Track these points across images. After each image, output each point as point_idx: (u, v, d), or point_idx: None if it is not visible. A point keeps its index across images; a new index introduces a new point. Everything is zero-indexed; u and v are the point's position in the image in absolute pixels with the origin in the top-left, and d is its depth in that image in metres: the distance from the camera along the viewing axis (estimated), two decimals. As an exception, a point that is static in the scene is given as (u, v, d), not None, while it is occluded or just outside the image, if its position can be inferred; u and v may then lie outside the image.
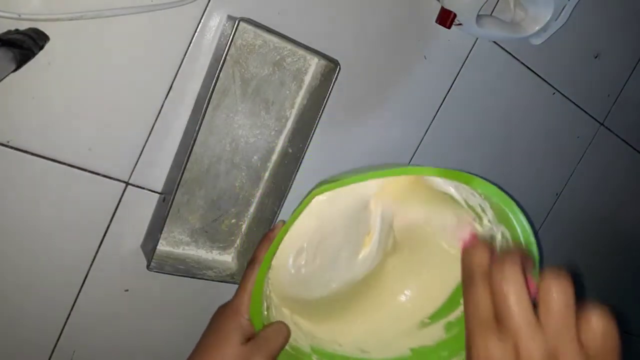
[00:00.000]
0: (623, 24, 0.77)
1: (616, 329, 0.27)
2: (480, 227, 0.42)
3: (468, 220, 0.40)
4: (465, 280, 0.32)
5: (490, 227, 0.41)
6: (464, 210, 0.41)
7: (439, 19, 0.57)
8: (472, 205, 0.41)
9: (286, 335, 0.41)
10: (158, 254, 0.50)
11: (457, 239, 0.41)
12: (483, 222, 0.41)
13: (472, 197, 0.41)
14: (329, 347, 0.44)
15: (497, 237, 0.40)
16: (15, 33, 0.39)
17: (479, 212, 0.41)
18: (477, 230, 0.41)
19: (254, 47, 0.50)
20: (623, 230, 0.98)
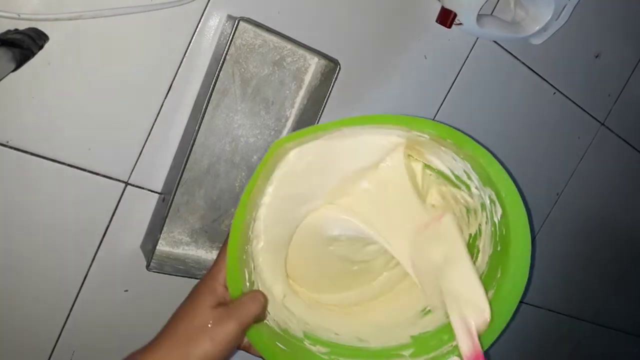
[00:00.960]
0: (623, 24, 0.77)
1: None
2: (470, 198, 0.41)
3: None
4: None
5: (479, 194, 0.40)
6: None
7: (440, 18, 0.57)
8: (459, 175, 0.40)
9: (262, 304, 0.38)
10: (158, 254, 0.50)
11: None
12: (472, 191, 0.40)
13: (455, 164, 0.40)
14: (324, 335, 0.43)
15: (487, 204, 0.39)
16: (14, 33, 0.39)
17: (465, 180, 0.40)
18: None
19: (253, 46, 0.50)
20: (623, 229, 0.98)
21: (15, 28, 0.40)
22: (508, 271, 0.39)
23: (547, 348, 0.98)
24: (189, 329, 0.36)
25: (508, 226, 0.38)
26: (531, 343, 0.94)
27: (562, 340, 1.00)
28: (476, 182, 0.39)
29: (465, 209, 0.42)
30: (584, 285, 0.97)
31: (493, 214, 0.39)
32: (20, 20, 0.40)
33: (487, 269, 0.41)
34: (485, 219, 0.41)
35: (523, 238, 0.38)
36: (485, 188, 0.39)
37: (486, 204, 0.40)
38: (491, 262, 0.41)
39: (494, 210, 0.39)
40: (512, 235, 0.38)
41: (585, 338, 1.03)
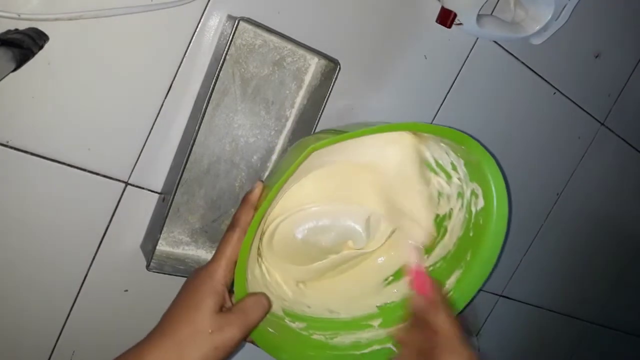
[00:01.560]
0: (623, 24, 0.77)
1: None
2: (447, 185, 0.44)
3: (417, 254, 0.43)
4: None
5: (459, 184, 0.43)
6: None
7: (439, 18, 0.57)
8: (442, 165, 0.43)
9: (266, 309, 0.38)
10: (158, 254, 0.50)
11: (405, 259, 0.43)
12: (452, 180, 0.43)
13: (445, 156, 0.43)
14: (299, 309, 0.44)
15: (465, 194, 0.43)
16: (14, 33, 0.39)
17: (449, 170, 0.43)
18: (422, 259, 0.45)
19: (253, 46, 0.50)
20: (624, 229, 0.98)
21: (16, 28, 0.40)
22: (479, 256, 0.42)
23: (547, 348, 0.98)
24: (191, 332, 0.35)
25: (488, 219, 0.42)
26: (531, 343, 0.94)
27: (562, 340, 1.00)
28: (462, 175, 0.43)
29: (438, 192, 0.45)
30: (583, 285, 0.97)
31: (471, 204, 0.43)
32: (21, 20, 0.40)
33: (454, 249, 0.44)
34: (460, 206, 0.44)
35: (499, 232, 0.42)
36: (471, 183, 0.42)
37: (465, 194, 0.43)
38: (460, 244, 0.44)
39: (474, 201, 0.42)
40: (490, 227, 0.42)
41: (585, 338, 1.03)
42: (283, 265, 0.44)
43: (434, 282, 0.42)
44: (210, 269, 0.38)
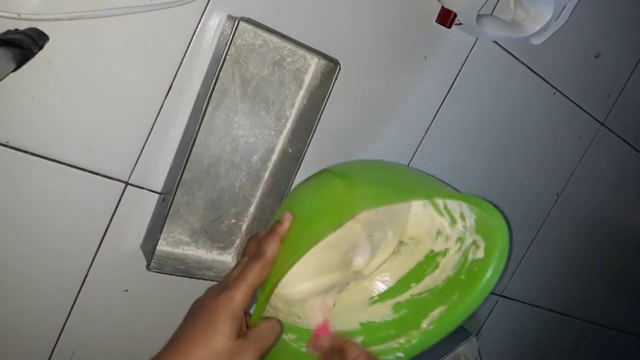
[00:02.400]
0: (623, 24, 0.77)
1: None
2: (449, 227, 0.45)
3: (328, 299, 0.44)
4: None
5: (462, 231, 0.44)
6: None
7: (439, 18, 0.57)
8: (450, 210, 0.44)
9: (279, 334, 0.39)
10: (158, 254, 0.50)
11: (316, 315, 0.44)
12: (456, 226, 0.44)
13: (457, 206, 0.44)
14: (291, 320, 0.44)
15: (466, 241, 0.44)
16: (15, 33, 0.39)
17: (456, 216, 0.44)
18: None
19: (253, 46, 0.50)
20: (623, 229, 0.98)
21: (16, 28, 0.40)
22: (466, 299, 0.44)
23: (547, 348, 0.98)
24: (208, 354, 0.36)
25: (483, 270, 0.43)
26: (531, 343, 0.94)
27: (562, 340, 1.00)
28: (467, 225, 0.44)
29: (437, 230, 0.46)
30: (583, 285, 0.97)
31: (469, 252, 0.44)
32: (21, 20, 0.40)
33: (442, 285, 0.46)
34: (457, 249, 0.45)
35: (490, 284, 0.43)
36: (475, 234, 0.43)
37: (465, 241, 0.44)
38: (449, 283, 0.45)
39: (473, 250, 0.44)
40: (483, 278, 0.43)
41: (585, 338, 1.03)
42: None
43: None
44: (232, 294, 0.38)
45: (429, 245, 0.47)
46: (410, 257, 0.47)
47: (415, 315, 0.46)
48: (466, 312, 0.44)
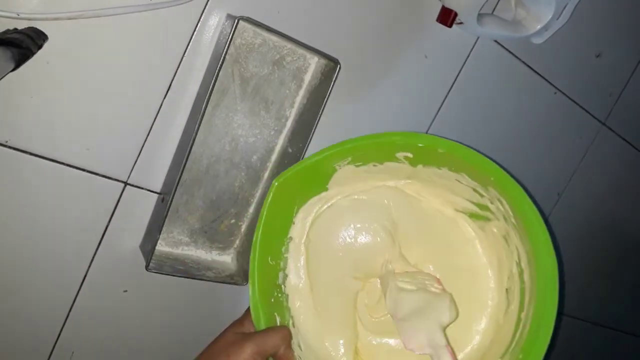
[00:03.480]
0: (625, 23, 0.77)
1: None
2: (497, 220, 0.41)
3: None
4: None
5: (495, 207, 0.41)
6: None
7: (440, 17, 0.57)
8: (477, 201, 0.42)
9: (283, 337, 0.40)
10: (157, 255, 0.50)
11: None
12: (492, 210, 0.41)
13: (461, 185, 0.42)
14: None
15: (502, 210, 0.40)
16: (14, 32, 0.39)
17: (482, 201, 0.41)
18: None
19: (253, 46, 0.50)
20: (624, 230, 0.98)
21: (15, 27, 0.40)
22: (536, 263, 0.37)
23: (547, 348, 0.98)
24: (212, 350, 0.40)
25: (522, 215, 0.37)
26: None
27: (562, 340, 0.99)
28: (484, 193, 0.41)
29: (503, 238, 0.41)
30: (584, 285, 0.97)
31: (510, 217, 0.39)
32: (20, 20, 0.39)
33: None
34: (513, 230, 0.39)
35: (533, 214, 0.37)
36: (488, 190, 0.40)
37: (502, 210, 0.40)
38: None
39: (504, 208, 0.40)
40: (527, 223, 0.37)
41: (585, 338, 1.03)
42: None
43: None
44: (240, 318, 0.43)
45: (514, 264, 0.41)
46: (515, 297, 0.40)
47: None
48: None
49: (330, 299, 0.44)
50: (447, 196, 0.44)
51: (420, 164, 0.42)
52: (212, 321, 0.58)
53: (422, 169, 0.42)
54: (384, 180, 0.45)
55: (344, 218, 0.45)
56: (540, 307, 0.35)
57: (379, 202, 0.45)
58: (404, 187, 0.45)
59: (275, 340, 0.39)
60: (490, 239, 0.43)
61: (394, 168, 0.43)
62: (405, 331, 0.40)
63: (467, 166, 0.40)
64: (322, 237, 0.45)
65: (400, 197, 0.45)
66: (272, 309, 0.42)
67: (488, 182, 0.39)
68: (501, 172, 0.38)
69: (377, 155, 0.43)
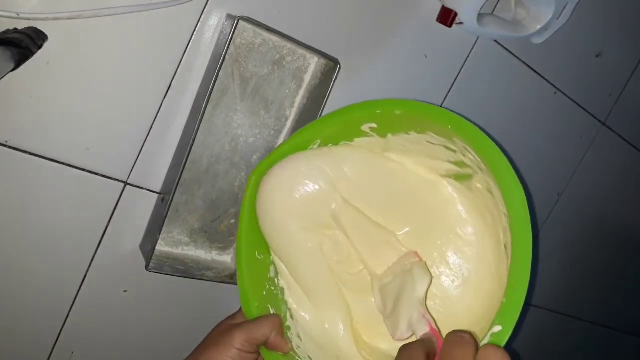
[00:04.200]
0: (625, 23, 0.77)
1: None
2: (477, 174, 0.38)
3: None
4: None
5: (469, 159, 0.38)
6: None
7: (440, 17, 0.57)
8: (455, 160, 0.39)
9: (274, 326, 0.39)
10: (157, 255, 0.50)
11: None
12: (469, 165, 0.38)
13: (433, 147, 0.39)
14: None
15: (473, 159, 0.37)
16: (13, 32, 0.39)
17: (460, 158, 0.38)
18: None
19: (253, 46, 0.50)
20: (625, 229, 0.98)
21: (15, 27, 0.40)
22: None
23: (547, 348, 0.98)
24: (204, 342, 0.40)
25: (485, 158, 0.36)
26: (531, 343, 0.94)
27: (562, 340, 0.99)
28: (455, 147, 0.38)
29: (488, 192, 0.38)
30: (584, 285, 0.97)
31: (480, 164, 0.37)
32: (20, 20, 0.39)
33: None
34: (487, 178, 0.37)
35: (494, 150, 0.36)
36: (454, 142, 0.37)
37: (474, 160, 0.37)
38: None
39: (473, 156, 0.37)
40: (492, 167, 0.36)
41: (585, 338, 1.03)
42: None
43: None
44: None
45: (504, 217, 0.37)
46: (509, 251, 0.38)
47: None
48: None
49: (304, 270, 0.43)
50: (427, 162, 0.41)
51: (389, 132, 0.40)
52: (212, 321, 0.58)
53: (393, 138, 0.41)
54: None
55: (296, 179, 0.42)
56: (516, 244, 0.33)
57: (332, 156, 0.42)
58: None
59: (264, 328, 0.38)
60: (479, 198, 0.39)
61: (367, 143, 0.42)
62: (391, 325, 0.39)
63: (427, 123, 0.38)
64: (282, 208, 0.42)
65: (363, 155, 0.42)
66: (265, 302, 0.42)
67: (450, 133, 0.37)
68: (455, 117, 0.36)
69: (344, 132, 0.42)
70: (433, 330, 0.36)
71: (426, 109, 0.37)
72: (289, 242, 0.42)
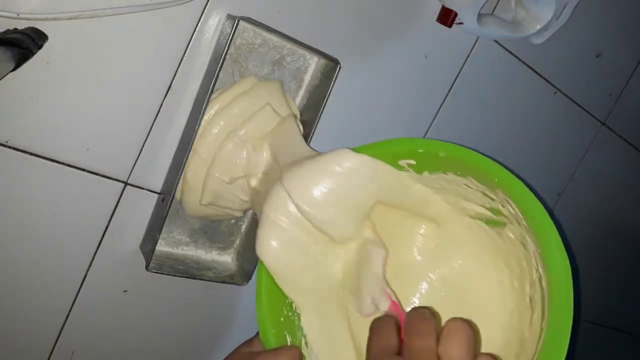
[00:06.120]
0: (625, 23, 0.77)
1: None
2: (511, 224, 0.38)
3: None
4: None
5: (507, 210, 0.38)
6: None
7: (440, 17, 0.57)
8: (490, 206, 0.39)
9: (294, 358, 0.39)
10: (157, 255, 0.50)
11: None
12: (505, 214, 0.38)
13: (470, 190, 0.39)
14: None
15: (512, 213, 0.37)
16: (13, 32, 0.39)
17: (494, 205, 0.38)
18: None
19: (253, 46, 0.50)
20: (624, 230, 0.98)
21: (15, 27, 0.40)
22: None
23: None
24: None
25: (529, 218, 0.35)
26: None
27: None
28: (494, 197, 0.38)
29: (521, 244, 0.38)
30: (584, 285, 0.97)
31: (519, 220, 0.37)
32: (20, 20, 0.39)
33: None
34: (526, 233, 0.37)
35: (541, 214, 0.35)
36: (496, 192, 0.37)
37: (512, 214, 0.37)
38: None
39: (515, 211, 0.37)
40: (535, 226, 0.35)
41: (585, 338, 1.03)
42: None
43: None
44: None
45: (534, 270, 0.37)
46: (537, 305, 0.36)
47: None
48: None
49: (320, 302, 0.42)
50: (459, 202, 0.41)
51: (426, 170, 0.40)
52: (212, 321, 0.58)
53: (429, 176, 0.40)
54: None
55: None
56: (555, 313, 0.32)
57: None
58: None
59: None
60: (508, 246, 0.39)
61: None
62: (356, 302, 0.39)
63: (471, 169, 0.38)
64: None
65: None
66: (283, 328, 0.41)
67: (494, 184, 0.37)
68: (504, 172, 0.36)
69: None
70: (394, 304, 0.37)
71: (472, 157, 0.37)
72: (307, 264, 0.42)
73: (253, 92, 0.48)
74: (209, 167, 0.47)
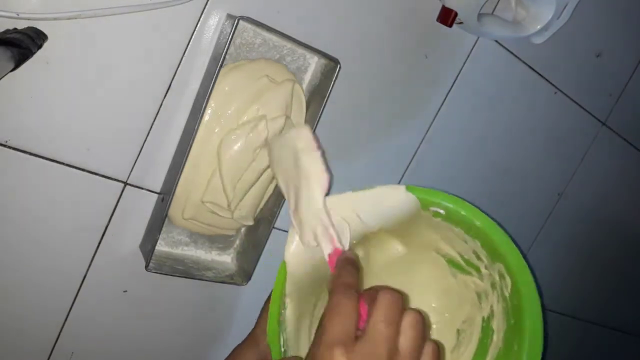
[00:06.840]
0: (625, 23, 0.77)
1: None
2: (480, 281, 0.41)
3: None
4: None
5: (488, 273, 0.40)
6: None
7: (440, 17, 0.57)
8: (468, 259, 0.41)
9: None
10: (157, 255, 0.50)
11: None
12: (482, 272, 0.41)
13: (466, 246, 0.40)
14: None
15: (497, 281, 0.39)
16: (13, 32, 0.39)
17: (475, 262, 0.41)
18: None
19: (253, 45, 0.50)
20: (624, 229, 0.98)
21: (14, 27, 0.39)
22: (524, 343, 0.38)
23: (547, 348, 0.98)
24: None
25: (519, 295, 0.38)
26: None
27: (562, 340, 0.99)
28: (485, 261, 0.39)
29: (476, 294, 0.42)
30: (584, 285, 0.97)
31: (503, 289, 0.39)
32: (19, 20, 0.39)
33: (503, 346, 0.40)
34: (497, 298, 0.40)
35: (535, 308, 0.38)
36: (494, 264, 0.39)
37: (496, 282, 0.40)
38: (506, 337, 0.40)
39: (504, 284, 0.39)
40: (524, 304, 0.38)
41: (585, 338, 1.03)
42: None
43: None
44: (254, 333, 0.46)
45: (479, 316, 0.42)
46: (470, 342, 0.43)
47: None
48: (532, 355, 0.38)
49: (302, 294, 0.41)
50: (445, 248, 0.42)
51: (443, 219, 0.39)
52: (212, 321, 0.58)
53: (440, 221, 0.40)
54: None
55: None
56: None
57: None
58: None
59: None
60: (459, 285, 0.43)
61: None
62: (297, 225, 0.37)
63: (482, 236, 0.38)
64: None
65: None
66: (280, 328, 0.41)
67: (500, 259, 0.38)
68: (523, 266, 0.37)
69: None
70: (337, 251, 0.35)
71: (504, 241, 0.38)
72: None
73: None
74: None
